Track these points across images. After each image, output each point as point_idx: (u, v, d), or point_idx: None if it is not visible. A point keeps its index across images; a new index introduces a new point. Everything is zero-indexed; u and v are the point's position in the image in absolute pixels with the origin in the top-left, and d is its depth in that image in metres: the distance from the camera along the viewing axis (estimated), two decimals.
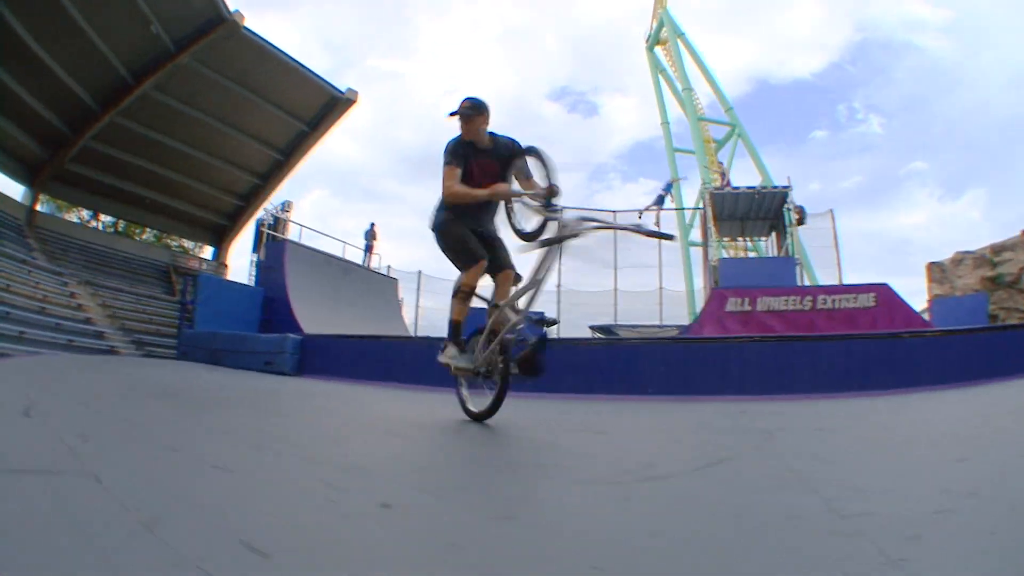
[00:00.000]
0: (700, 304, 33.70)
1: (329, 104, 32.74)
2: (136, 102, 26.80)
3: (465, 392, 5.50)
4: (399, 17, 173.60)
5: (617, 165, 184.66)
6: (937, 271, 43.25)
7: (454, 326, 5.41)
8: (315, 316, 19.10)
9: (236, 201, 34.33)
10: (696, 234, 41.40)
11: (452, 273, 5.35)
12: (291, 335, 14.29)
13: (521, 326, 4.92)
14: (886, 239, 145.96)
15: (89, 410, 3.88)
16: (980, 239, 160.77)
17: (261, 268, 21.46)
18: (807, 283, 24.63)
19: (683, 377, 10.43)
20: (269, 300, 19.84)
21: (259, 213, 32.33)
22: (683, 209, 43.47)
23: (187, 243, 38.60)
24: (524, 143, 5.53)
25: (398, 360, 12.72)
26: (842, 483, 2.53)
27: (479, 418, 5.15)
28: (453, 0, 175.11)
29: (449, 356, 5.34)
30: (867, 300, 16.88)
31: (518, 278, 5.45)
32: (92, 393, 5.52)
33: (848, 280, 24.54)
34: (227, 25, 26.33)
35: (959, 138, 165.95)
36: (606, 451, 4.02)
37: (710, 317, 17.07)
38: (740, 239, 32.02)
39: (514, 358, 4.83)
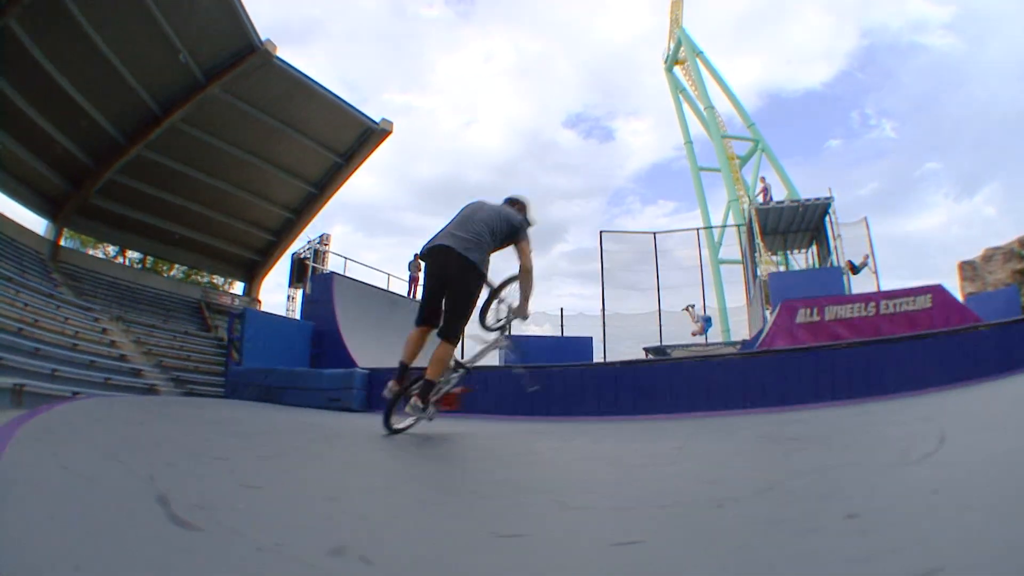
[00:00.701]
0: (733, 321, 33.73)
1: (364, 135, 32.33)
2: (164, 134, 26.42)
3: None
4: (413, 52, 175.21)
5: (636, 188, 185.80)
6: (969, 269, 43.19)
7: (429, 384, 5.66)
8: (366, 349, 18.54)
9: (267, 236, 33.87)
10: (726, 252, 41.13)
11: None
12: (358, 369, 13.68)
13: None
14: (906, 243, 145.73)
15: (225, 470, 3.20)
16: (1000, 234, 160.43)
17: (307, 302, 21.01)
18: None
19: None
20: (318, 334, 19.29)
21: (292, 247, 32.07)
22: (725, 227, 43.18)
23: (216, 278, 38.19)
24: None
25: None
26: None
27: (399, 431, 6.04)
28: (466, 33, 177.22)
29: (430, 413, 5.92)
30: (924, 302, 16.73)
31: None
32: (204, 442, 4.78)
33: (884, 286, 24.72)
34: (258, 54, 25.96)
35: (969, 135, 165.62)
36: None
37: (781, 329, 16.81)
38: (772, 255, 31.40)
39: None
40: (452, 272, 5.52)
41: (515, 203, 6.36)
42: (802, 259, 33.60)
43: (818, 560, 1.54)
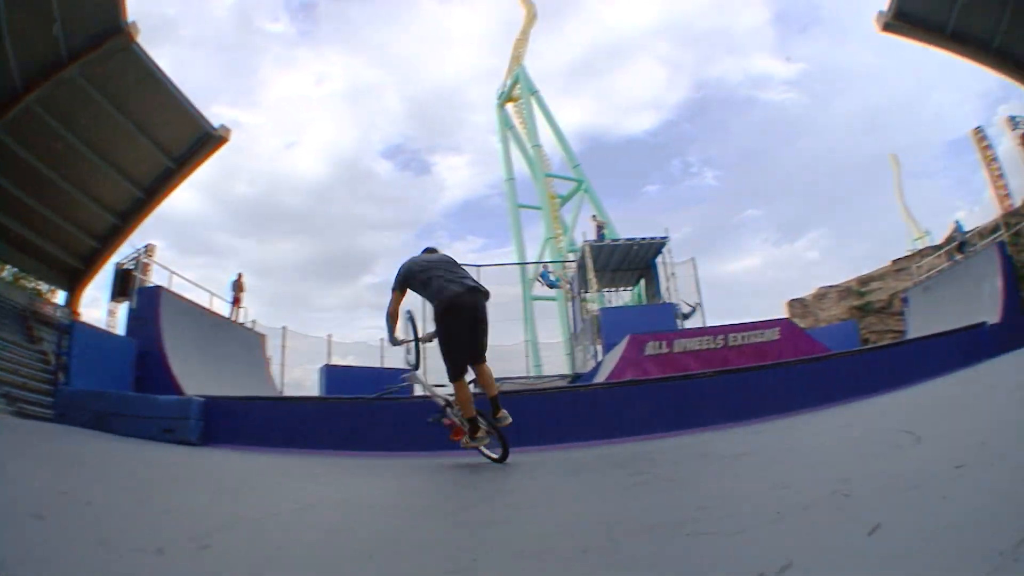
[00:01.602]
0: (545, 356, 34.59)
1: (200, 140, 30.65)
2: (17, 116, 23.99)
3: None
4: (250, 66, 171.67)
5: (445, 223, 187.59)
6: (799, 306, 46.76)
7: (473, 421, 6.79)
8: (190, 374, 17.55)
9: (92, 242, 30.97)
10: (539, 288, 41.96)
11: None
12: (195, 397, 12.63)
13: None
14: (717, 284, 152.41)
15: None
16: (818, 277, 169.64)
17: (132, 318, 19.23)
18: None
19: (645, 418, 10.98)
20: (141, 354, 17.84)
21: (115, 256, 30.36)
22: (558, 261, 43.88)
23: (41, 285, 35.76)
24: None
25: (323, 424, 12.11)
26: None
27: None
28: (303, 53, 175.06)
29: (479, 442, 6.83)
30: (772, 334, 18.21)
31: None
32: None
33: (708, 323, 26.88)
34: (120, 37, 24.28)
35: (800, 184, 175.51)
36: None
37: (629, 362, 17.25)
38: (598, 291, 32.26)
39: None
40: (485, 310, 6.71)
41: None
42: (619, 297, 34.76)
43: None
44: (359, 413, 12.27)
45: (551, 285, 36.12)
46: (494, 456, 6.84)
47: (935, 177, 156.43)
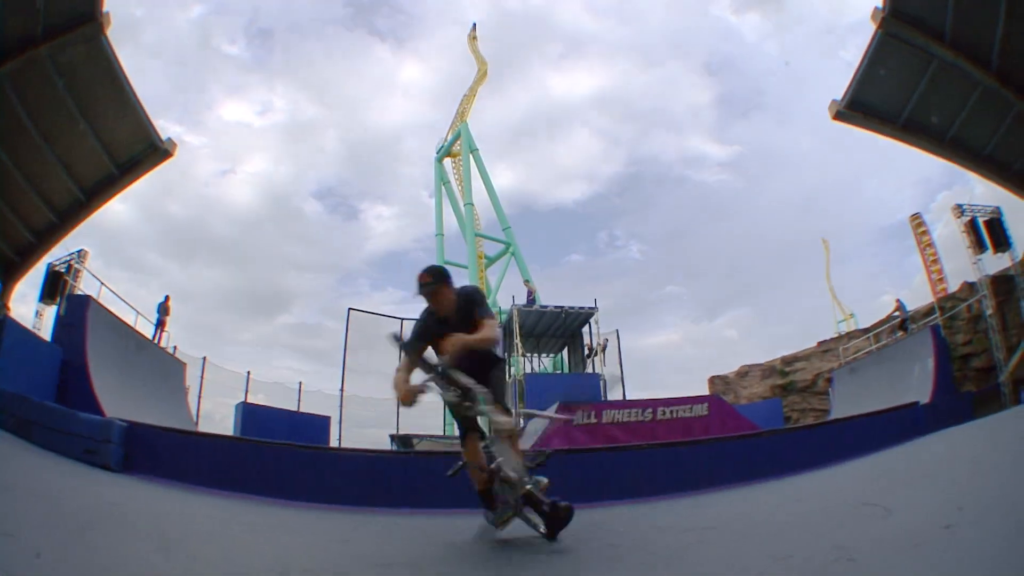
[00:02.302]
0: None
1: (146, 150, 29.70)
2: None
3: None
4: (200, 85, 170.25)
5: (368, 271, 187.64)
6: (720, 383, 47.62)
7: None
8: (111, 392, 17.04)
9: (29, 236, 30.30)
10: None
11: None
12: (117, 420, 12.25)
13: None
14: (639, 357, 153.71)
15: None
16: (737, 355, 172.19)
17: (60, 324, 18.70)
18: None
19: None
20: (64, 363, 17.27)
21: (48, 256, 29.79)
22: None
23: None
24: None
25: (258, 467, 11.89)
26: None
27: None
28: (252, 79, 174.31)
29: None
30: (701, 409, 18.70)
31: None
32: None
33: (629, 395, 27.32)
34: (93, 25, 23.51)
35: (724, 263, 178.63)
36: None
37: (558, 430, 17.16)
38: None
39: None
40: None
41: None
42: (538, 363, 35.03)
43: None
44: (304, 460, 12.24)
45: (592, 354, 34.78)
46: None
47: (863, 261, 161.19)
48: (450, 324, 5.22)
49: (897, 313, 28.64)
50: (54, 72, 24.28)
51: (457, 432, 5.62)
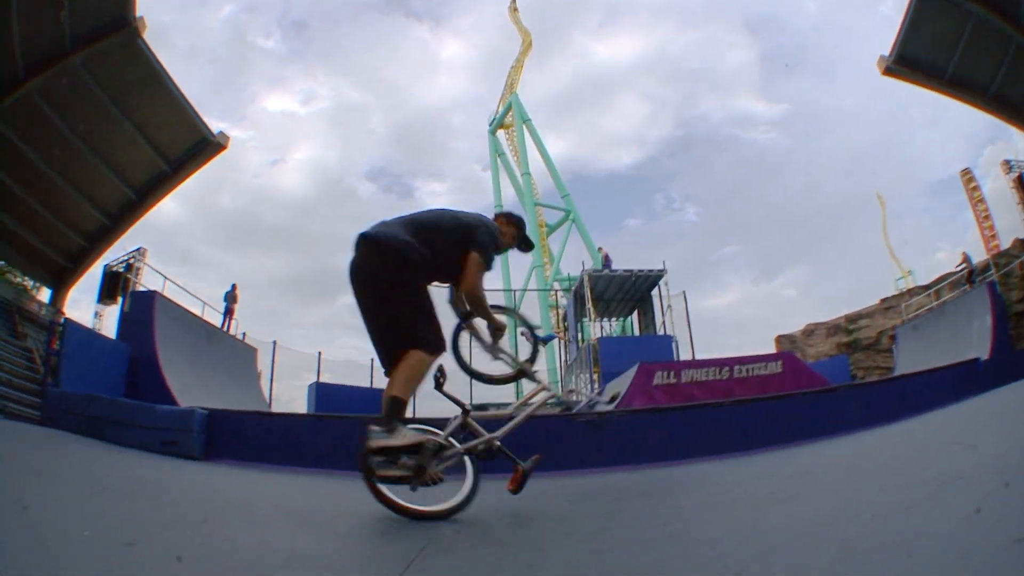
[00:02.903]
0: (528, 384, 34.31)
1: (198, 146, 30.00)
2: (16, 104, 23.22)
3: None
4: (240, 82, 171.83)
5: None
6: (787, 342, 46.99)
7: (402, 405, 4.34)
8: (184, 383, 17.06)
9: (81, 241, 30.43)
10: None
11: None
12: (198, 408, 11.99)
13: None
14: (700, 319, 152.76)
15: None
16: (796, 315, 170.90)
17: (125, 321, 18.71)
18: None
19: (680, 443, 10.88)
20: (133, 360, 17.33)
21: (103, 258, 29.58)
22: (550, 290, 43.81)
23: (28, 281, 34.74)
24: None
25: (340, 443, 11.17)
26: None
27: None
28: (292, 71, 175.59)
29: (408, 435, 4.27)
30: (776, 367, 18.38)
31: None
32: None
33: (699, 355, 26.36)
34: (128, 31, 23.68)
35: (780, 222, 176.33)
36: None
37: (639, 391, 17.16)
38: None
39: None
40: (373, 268, 4.46)
41: (499, 218, 5.27)
42: (606, 328, 34.49)
43: None
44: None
45: (546, 341, 35.26)
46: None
47: (917, 217, 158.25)
48: None
49: (964, 265, 27.69)
50: (91, 79, 24.34)
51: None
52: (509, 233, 5.16)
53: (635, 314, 34.10)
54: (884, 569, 1.84)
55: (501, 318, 5.11)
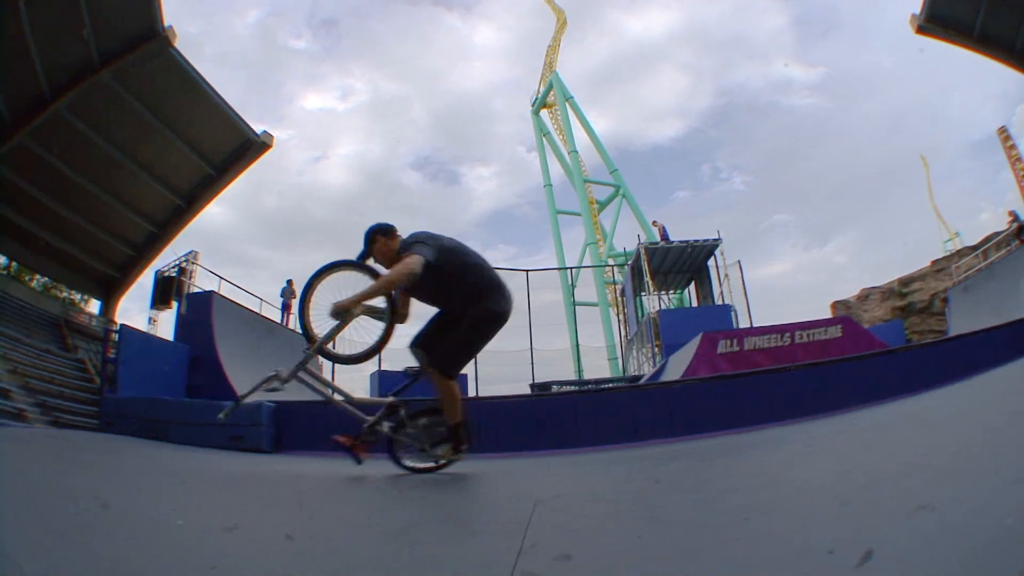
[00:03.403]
0: (587, 361, 33.70)
1: (242, 147, 29.97)
2: (46, 123, 23.25)
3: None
4: (274, 83, 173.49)
5: (477, 232, 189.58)
6: (842, 307, 46.52)
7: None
8: (246, 379, 16.57)
9: (128, 251, 30.96)
10: (582, 294, 41.34)
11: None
12: (266, 402, 11.90)
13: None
14: (754, 288, 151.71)
15: None
16: (849, 282, 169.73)
17: (182, 324, 18.78)
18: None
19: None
20: (193, 360, 17.40)
21: (153, 265, 29.78)
22: (606, 265, 43.59)
23: (75, 294, 35.17)
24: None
25: None
26: None
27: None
28: (327, 68, 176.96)
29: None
30: (835, 331, 18.15)
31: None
32: None
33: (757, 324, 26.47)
34: (157, 41, 23.57)
35: (825, 188, 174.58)
36: None
37: (702, 360, 17.16)
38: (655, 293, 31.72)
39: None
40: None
41: None
42: (663, 301, 34.20)
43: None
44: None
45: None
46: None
47: (958, 178, 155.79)
48: None
49: (1015, 223, 27.02)
50: (125, 92, 24.42)
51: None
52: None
53: (692, 286, 33.74)
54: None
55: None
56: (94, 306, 33.22)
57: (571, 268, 42.64)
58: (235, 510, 4.14)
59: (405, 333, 6.09)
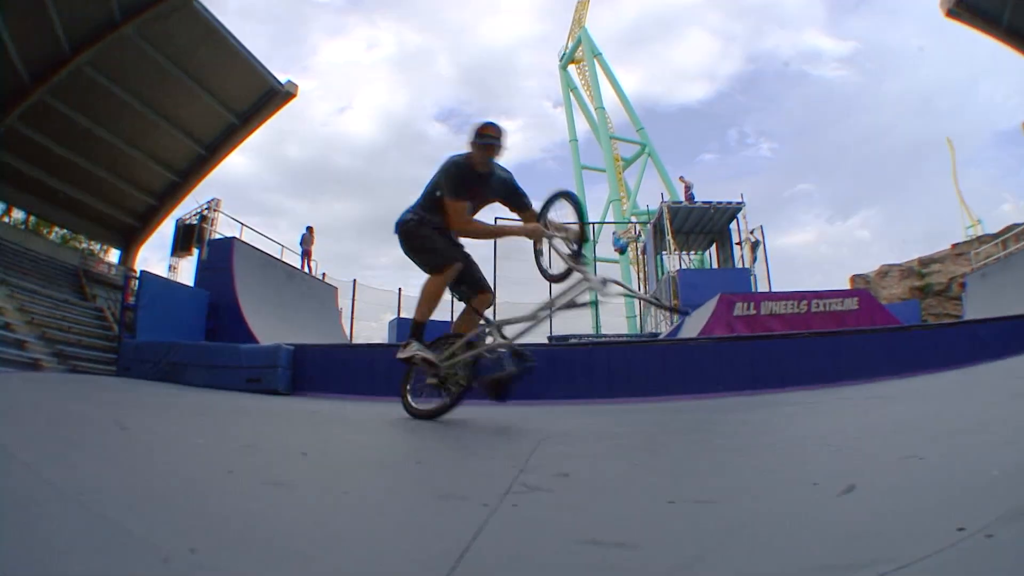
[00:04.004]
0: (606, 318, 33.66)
1: (265, 96, 30.06)
2: (66, 78, 23.40)
3: (409, 392, 5.51)
4: (299, 35, 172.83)
5: None
6: (861, 282, 45.87)
7: (418, 326, 5.30)
8: (265, 324, 17.21)
9: (149, 199, 31.33)
10: (603, 250, 41.22)
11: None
12: (284, 344, 12.05)
13: (503, 351, 5.07)
14: (776, 255, 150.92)
15: None
16: (870, 257, 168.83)
17: (202, 269, 18.97)
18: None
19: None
20: (213, 305, 17.54)
21: (174, 213, 29.93)
22: (628, 222, 43.49)
23: (94, 244, 35.43)
24: (549, 186, 5.84)
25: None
26: None
27: (420, 416, 5.21)
28: (352, 20, 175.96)
29: (414, 350, 5.11)
30: (852, 303, 18.16)
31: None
32: None
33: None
34: None
35: (852, 162, 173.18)
36: None
37: (719, 321, 17.20)
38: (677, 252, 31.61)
39: (482, 377, 5.01)
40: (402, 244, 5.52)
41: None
42: (684, 262, 34.08)
43: None
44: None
45: (621, 249, 35.59)
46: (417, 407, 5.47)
47: (983, 166, 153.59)
48: (482, 183, 5.32)
49: None
50: (148, 45, 24.56)
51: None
52: (474, 147, 5.25)
53: (713, 248, 33.61)
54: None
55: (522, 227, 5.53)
56: (114, 256, 33.63)
57: (592, 224, 42.52)
58: (252, 434, 4.32)
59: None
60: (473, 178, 5.23)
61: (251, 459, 2.91)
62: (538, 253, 5.69)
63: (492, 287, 5.75)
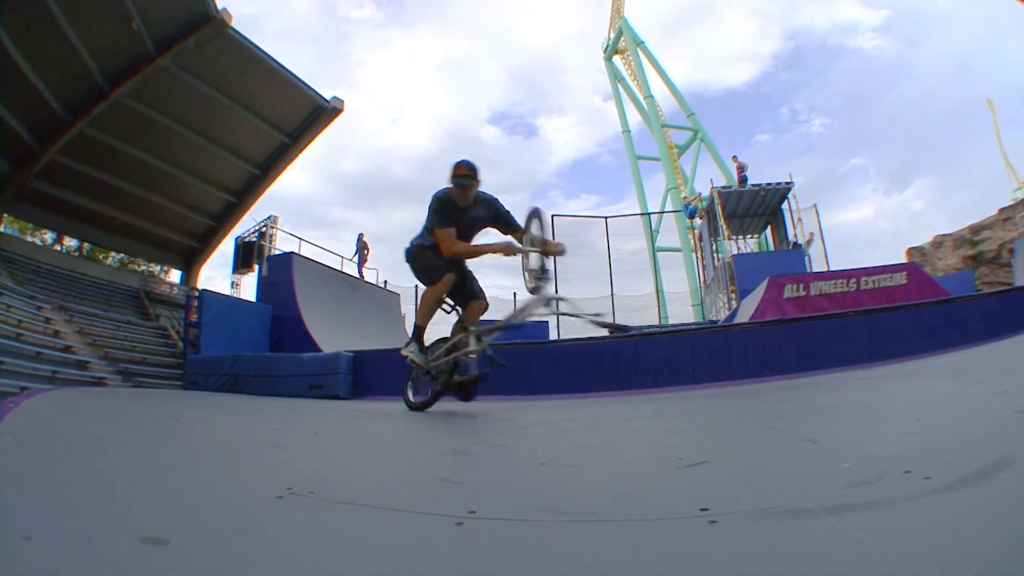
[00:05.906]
0: (672, 306, 33.50)
1: (314, 113, 30.74)
2: (107, 110, 24.28)
3: (410, 388, 6.44)
4: (342, 51, 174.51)
5: (559, 183, 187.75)
6: (917, 255, 44.74)
7: (418, 329, 6.18)
8: (328, 334, 17.64)
9: (208, 221, 32.46)
10: (665, 239, 40.99)
11: None
12: (344, 352, 12.49)
13: (474, 356, 5.74)
14: (833, 233, 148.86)
15: None
16: (927, 228, 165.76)
17: (264, 284, 19.54)
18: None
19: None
20: (276, 319, 18.14)
21: (233, 232, 30.63)
22: (682, 211, 43.28)
23: (154, 266, 36.42)
24: (504, 203, 6.30)
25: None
26: None
27: (413, 408, 6.19)
28: (394, 33, 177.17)
29: (410, 351, 6.11)
30: (900, 278, 17.83)
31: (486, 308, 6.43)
32: None
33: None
34: (213, 24, 24.18)
35: (900, 132, 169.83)
36: None
37: (770, 304, 17.21)
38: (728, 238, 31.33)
39: (453, 378, 5.94)
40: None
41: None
42: (744, 245, 33.81)
43: None
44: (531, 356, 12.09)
45: (692, 216, 35.75)
46: (412, 400, 6.46)
47: (1020, 128, 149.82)
48: (463, 215, 6.00)
49: None
50: (187, 74, 25.41)
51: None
52: (453, 186, 5.93)
53: (768, 230, 33.34)
54: None
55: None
56: (175, 276, 34.59)
57: (651, 214, 42.53)
58: (312, 425, 4.77)
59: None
60: (455, 210, 5.91)
61: (319, 445, 3.26)
62: (524, 266, 6.03)
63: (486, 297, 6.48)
